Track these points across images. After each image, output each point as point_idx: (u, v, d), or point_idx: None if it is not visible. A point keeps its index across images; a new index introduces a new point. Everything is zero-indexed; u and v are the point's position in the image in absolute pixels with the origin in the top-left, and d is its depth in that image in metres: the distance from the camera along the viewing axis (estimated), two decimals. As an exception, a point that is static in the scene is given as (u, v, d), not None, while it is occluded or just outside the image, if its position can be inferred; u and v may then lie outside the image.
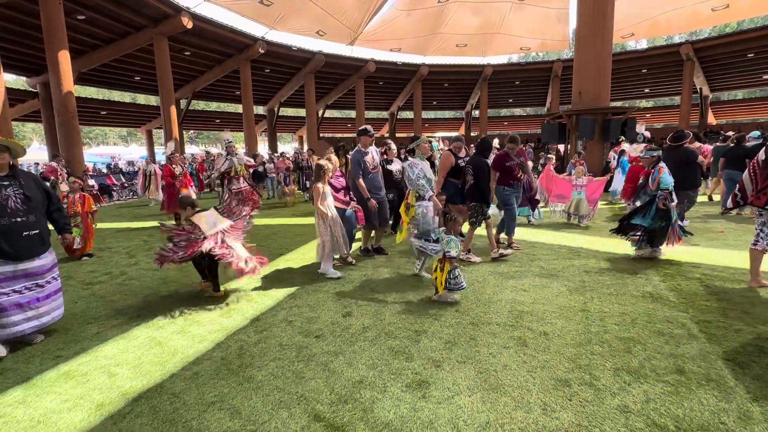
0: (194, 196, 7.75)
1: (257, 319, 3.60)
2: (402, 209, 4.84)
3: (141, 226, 8.90)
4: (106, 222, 9.49)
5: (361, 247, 5.64)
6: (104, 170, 20.80)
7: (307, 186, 13.42)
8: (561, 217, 7.63)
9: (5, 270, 3.07)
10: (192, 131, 45.74)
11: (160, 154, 25.32)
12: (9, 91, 12.39)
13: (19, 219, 3.08)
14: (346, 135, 31.18)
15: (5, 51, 12.45)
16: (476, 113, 30.55)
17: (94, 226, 6.47)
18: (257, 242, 6.64)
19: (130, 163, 26.64)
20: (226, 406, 2.36)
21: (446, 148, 6.68)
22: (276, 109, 27.52)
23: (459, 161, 5.26)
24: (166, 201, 8.36)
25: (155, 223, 9.10)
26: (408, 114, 30.85)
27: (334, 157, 5.26)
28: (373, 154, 5.36)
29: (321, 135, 28.52)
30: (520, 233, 6.18)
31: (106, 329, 3.49)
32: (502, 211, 5.60)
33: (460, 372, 2.62)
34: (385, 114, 32.48)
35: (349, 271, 4.87)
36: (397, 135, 31.11)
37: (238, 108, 24.62)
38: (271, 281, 4.64)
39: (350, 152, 9.29)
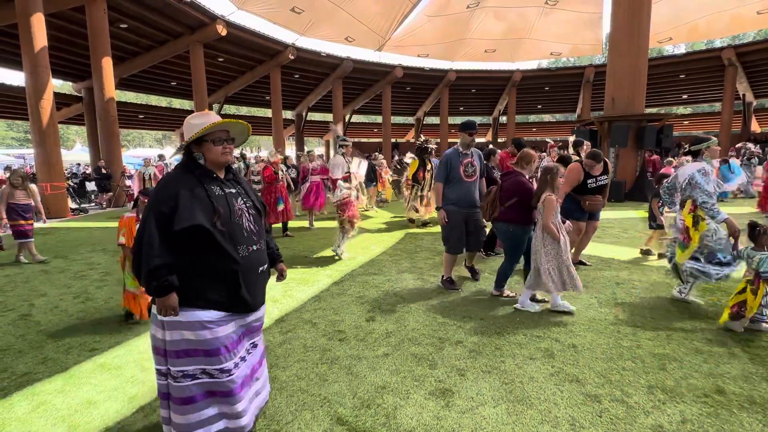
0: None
1: (282, 320, 3.66)
2: (689, 222, 3.74)
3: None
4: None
5: (443, 276, 4.46)
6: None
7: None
8: None
9: (238, 327, 2.00)
10: (223, 135, 47.04)
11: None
12: (56, 95, 13.07)
13: (255, 247, 2.00)
14: (372, 140, 31.36)
15: (54, 58, 13.17)
16: (503, 119, 30.15)
17: None
18: (281, 244, 6.79)
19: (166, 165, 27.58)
20: (251, 405, 2.40)
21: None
22: (304, 113, 28.02)
23: (589, 181, 4.40)
24: (269, 208, 7.38)
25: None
26: (434, 119, 30.74)
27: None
28: (473, 159, 4.29)
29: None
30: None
31: (140, 323, 3.62)
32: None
33: (484, 382, 2.58)
34: (411, 119, 32.51)
35: (373, 276, 4.89)
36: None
37: (268, 112, 25.23)
38: (295, 283, 4.71)
39: (431, 153, 8.09)
